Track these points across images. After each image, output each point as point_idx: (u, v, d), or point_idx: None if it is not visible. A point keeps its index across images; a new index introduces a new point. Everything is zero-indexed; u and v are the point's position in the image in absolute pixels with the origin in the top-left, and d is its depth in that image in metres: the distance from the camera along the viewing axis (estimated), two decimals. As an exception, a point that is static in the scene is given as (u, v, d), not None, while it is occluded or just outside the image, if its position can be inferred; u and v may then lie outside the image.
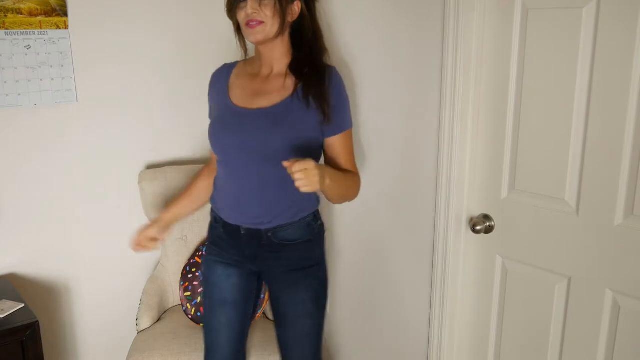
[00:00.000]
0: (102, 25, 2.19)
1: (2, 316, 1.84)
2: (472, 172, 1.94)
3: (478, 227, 1.91)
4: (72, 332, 2.34)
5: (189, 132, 2.49)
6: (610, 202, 1.63)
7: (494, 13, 1.79)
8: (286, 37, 1.66)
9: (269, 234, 1.71)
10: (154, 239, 1.85)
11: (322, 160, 1.75)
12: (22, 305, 1.91)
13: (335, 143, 1.69)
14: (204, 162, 2.56)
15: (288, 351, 1.85)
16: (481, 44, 1.83)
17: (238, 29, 1.68)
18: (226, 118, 1.71)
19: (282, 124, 1.62)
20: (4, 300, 1.93)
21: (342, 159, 1.71)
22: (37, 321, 1.84)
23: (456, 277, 2.02)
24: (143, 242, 1.84)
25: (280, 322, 1.83)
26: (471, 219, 1.95)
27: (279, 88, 1.67)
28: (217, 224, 1.81)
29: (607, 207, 1.64)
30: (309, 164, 1.49)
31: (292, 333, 1.82)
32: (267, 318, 2.22)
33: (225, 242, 1.79)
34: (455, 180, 1.94)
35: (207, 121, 1.85)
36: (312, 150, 1.68)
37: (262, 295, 2.20)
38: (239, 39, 1.72)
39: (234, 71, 1.79)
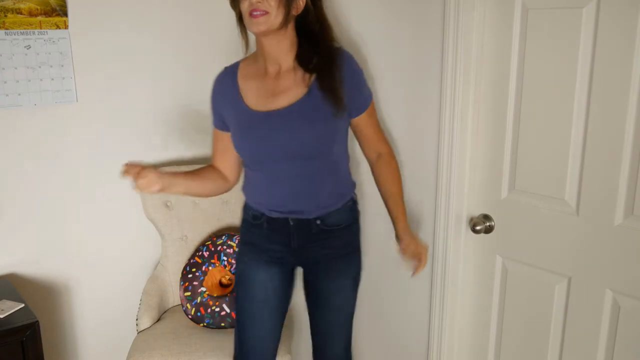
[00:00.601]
0: (102, 25, 2.19)
1: (2, 316, 1.84)
2: (472, 172, 1.94)
3: (478, 227, 1.91)
4: (72, 332, 2.35)
5: (189, 132, 2.49)
6: (610, 202, 1.63)
7: (494, 13, 1.79)
8: (290, 31, 1.63)
9: (318, 222, 1.73)
10: (149, 182, 1.58)
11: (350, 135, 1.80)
12: (22, 305, 1.91)
13: (360, 122, 1.75)
14: (204, 162, 2.56)
15: (326, 338, 1.88)
16: (481, 44, 1.83)
17: (240, 19, 1.65)
18: (251, 125, 1.68)
19: (309, 118, 1.63)
20: (4, 300, 1.93)
21: (370, 136, 1.79)
22: (37, 321, 1.84)
23: (456, 277, 2.02)
24: (140, 175, 1.57)
25: (319, 309, 1.86)
26: (471, 219, 1.95)
27: (293, 84, 1.66)
28: (257, 221, 1.78)
29: (607, 207, 1.64)
30: (419, 252, 1.81)
31: (331, 320, 1.86)
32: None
33: (267, 239, 1.78)
34: (455, 180, 1.94)
35: (208, 121, 1.84)
36: (339, 139, 1.71)
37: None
38: (241, 30, 1.68)
39: (239, 73, 1.74)
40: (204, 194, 1.87)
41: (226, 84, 1.74)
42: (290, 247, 1.77)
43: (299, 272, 1.90)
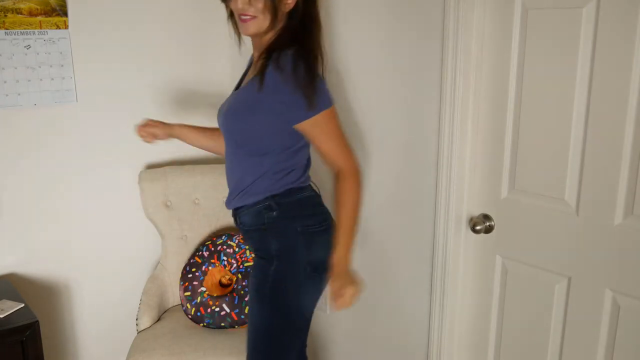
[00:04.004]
0: (102, 25, 2.19)
1: (2, 316, 1.84)
2: (472, 172, 1.94)
3: (478, 227, 1.91)
4: (72, 332, 2.35)
5: (189, 132, 2.49)
6: (610, 202, 1.63)
7: (494, 13, 1.79)
8: (280, 28, 1.60)
9: (236, 215, 1.76)
10: (155, 135, 1.91)
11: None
12: (22, 305, 1.91)
13: (303, 130, 1.61)
14: (204, 162, 2.56)
15: None
16: (481, 44, 1.83)
17: (232, 14, 1.65)
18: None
19: (237, 107, 1.65)
20: (4, 300, 1.93)
21: (320, 148, 1.64)
22: (37, 321, 1.84)
23: (456, 277, 2.02)
24: (147, 130, 1.90)
25: None
26: (471, 219, 1.95)
27: (253, 72, 1.68)
28: None
29: (607, 207, 1.64)
30: (340, 285, 1.63)
31: (248, 328, 1.79)
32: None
33: None
34: (455, 180, 1.94)
35: (207, 121, 1.85)
36: (271, 135, 1.62)
37: None
38: (232, 25, 1.69)
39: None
40: (214, 151, 1.97)
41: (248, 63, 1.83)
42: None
43: None
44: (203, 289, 2.23)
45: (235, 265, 2.26)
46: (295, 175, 1.70)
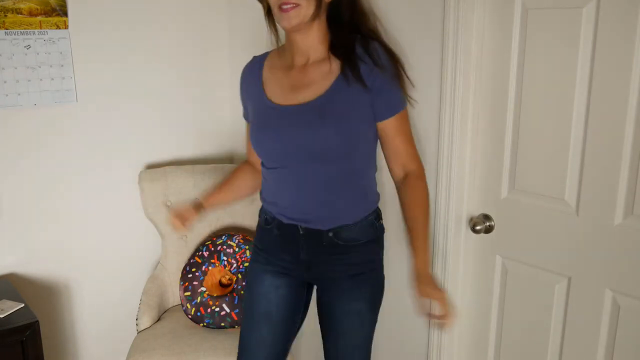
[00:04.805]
0: (102, 25, 2.19)
1: (2, 316, 1.84)
2: (472, 172, 1.94)
3: (478, 227, 1.91)
4: (72, 332, 2.35)
5: (189, 132, 2.49)
6: (610, 202, 1.63)
7: (494, 13, 1.79)
8: (323, 20, 1.50)
9: (330, 234, 1.58)
10: (188, 219, 1.67)
11: (378, 149, 1.65)
12: (22, 305, 1.91)
13: (387, 128, 1.55)
14: (204, 162, 2.56)
15: None
16: (481, 44, 1.83)
17: (268, 12, 1.53)
18: (266, 119, 1.56)
19: (329, 116, 1.47)
20: (4, 300, 1.93)
21: (398, 147, 1.58)
22: (37, 321, 1.84)
23: (456, 277, 2.02)
24: (180, 221, 1.66)
25: (328, 332, 1.71)
26: (471, 219, 1.95)
27: (320, 77, 1.52)
28: (268, 225, 1.66)
29: (607, 207, 1.64)
30: (431, 290, 1.51)
31: (342, 346, 1.69)
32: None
33: (277, 246, 1.65)
34: (455, 180, 1.94)
35: (208, 121, 1.85)
36: (366, 142, 1.56)
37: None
38: (270, 24, 1.56)
39: (266, 63, 1.62)
40: (245, 197, 1.84)
41: (251, 73, 1.63)
42: (300, 258, 1.63)
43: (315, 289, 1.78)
44: (203, 289, 2.23)
45: (235, 265, 2.26)
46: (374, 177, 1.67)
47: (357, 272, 1.63)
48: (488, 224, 1.92)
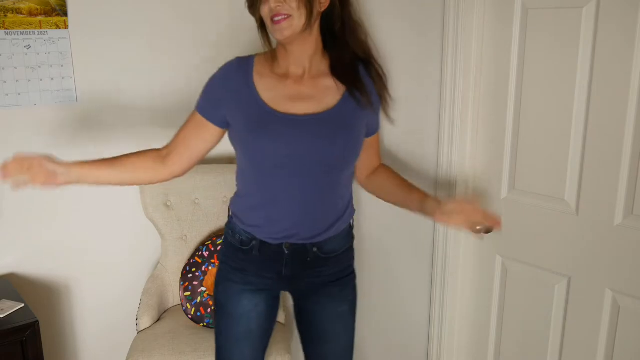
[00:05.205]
0: (102, 25, 2.19)
1: (2, 316, 1.84)
2: (472, 172, 1.94)
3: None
4: (72, 332, 2.35)
5: (189, 132, 2.49)
6: (610, 202, 1.63)
7: (494, 13, 1.79)
8: (316, 30, 1.50)
9: (315, 249, 1.59)
10: (47, 175, 1.46)
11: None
12: (22, 305, 1.91)
13: (372, 140, 1.68)
14: (204, 161, 2.55)
15: None
16: (481, 44, 1.83)
17: (262, 25, 1.51)
18: (264, 123, 1.50)
19: (344, 128, 1.52)
20: (4, 300, 1.93)
21: (375, 157, 1.72)
22: (37, 321, 1.84)
23: (456, 277, 2.02)
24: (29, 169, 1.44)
25: (314, 339, 1.71)
26: (471, 219, 1.95)
27: (326, 90, 1.53)
28: (245, 246, 1.61)
29: (607, 207, 1.64)
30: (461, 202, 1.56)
31: (330, 350, 1.70)
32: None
33: (256, 265, 1.61)
34: (455, 180, 1.94)
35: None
36: (358, 154, 1.61)
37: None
38: (263, 36, 1.53)
39: (255, 69, 1.56)
40: (127, 184, 1.66)
41: (237, 73, 1.56)
42: (281, 275, 1.61)
43: (288, 296, 1.78)
44: (203, 289, 2.23)
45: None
46: None
47: (338, 277, 1.66)
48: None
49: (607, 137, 1.61)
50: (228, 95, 1.55)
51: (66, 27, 2.11)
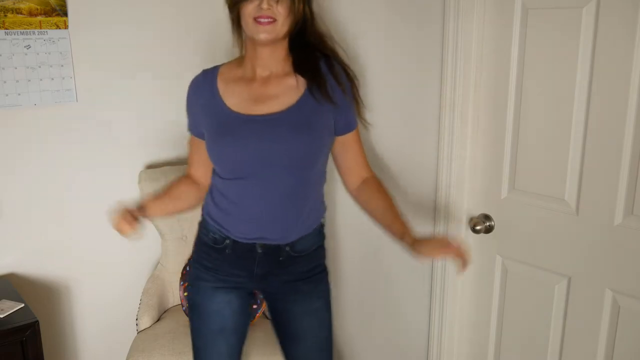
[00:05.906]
0: (102, 25, 2.19)
1: (2, 316, 1.84)
2: (472, 172, 1.94)
3: (478, 227, 1.91)
4: (72, 332, 2.35)
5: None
6: (610, 202, 1.63)
7: (493, 13, 1.79)
8: (286, 39, 1.54)
9: (287, 248, 1.60)
10: (134, 224, 1.55)
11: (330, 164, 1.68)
12: (22, 305, 1.91)
13: (347, 139, 1.61)
14: (204, 162, 2.55)
15: None
16: (481, 44, 1.83)
17: (237, 22, 1.50)
18: (228, 127, 1.53)
19: (304, 127, 1.51)
20: (4, 300, 1.93)
21: (356, 158, 1.64)
22: (37, 321, 1.84)
23: (456, 277, 2.02)
24: (127, 223, 1.56)
25: (291, 338, 1.71)
26: (471, 219, 1.95)
27: (287, 89, 1.54)
28: (218, 245, 1.63)
29: (606, 207, 1.64)
30: (438, 242, 1.52)
31: (305, 348, 1.70)
32: (266, 317, 2.22)
33: (228, 264, 1.63)
34: (455, 180, 1.94)
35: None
36: (325, 153, 1.60)
37: (259, 300, 2.18)
38: (236, 35, 1.55)
39: (219, 77, 1.60)
40: (182, 212, 1.75)
41: (203, 87, 1.61)
42: (253, 273, 1.63)
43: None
44: (203, 289, 2.23)
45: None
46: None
47: (309, 275, 1.66)
48: (488, 224, 1.92)
49: (607, 137, 1.61)
50: (199, 109, 1.61)
51: (66, 27, 2.11)
